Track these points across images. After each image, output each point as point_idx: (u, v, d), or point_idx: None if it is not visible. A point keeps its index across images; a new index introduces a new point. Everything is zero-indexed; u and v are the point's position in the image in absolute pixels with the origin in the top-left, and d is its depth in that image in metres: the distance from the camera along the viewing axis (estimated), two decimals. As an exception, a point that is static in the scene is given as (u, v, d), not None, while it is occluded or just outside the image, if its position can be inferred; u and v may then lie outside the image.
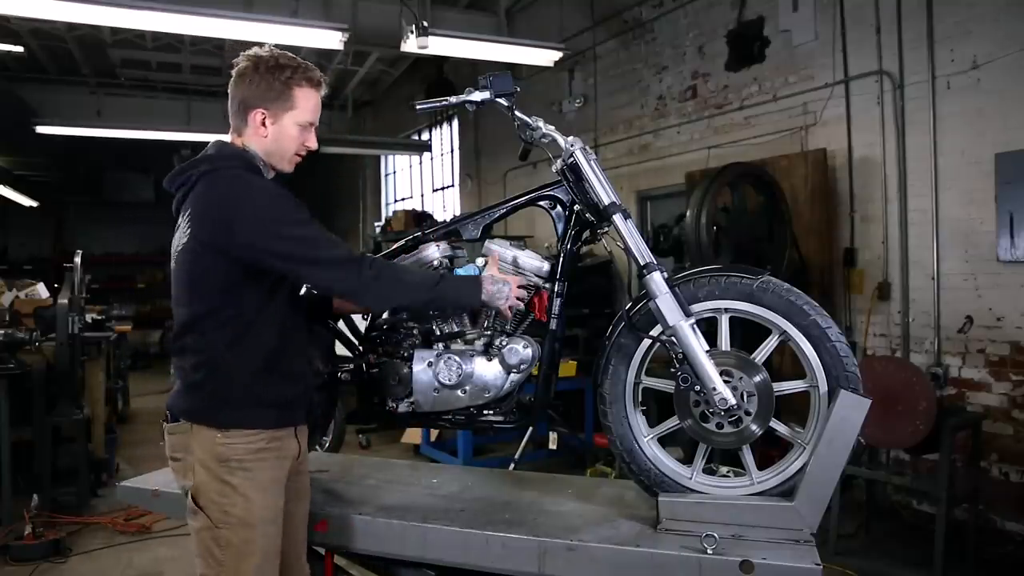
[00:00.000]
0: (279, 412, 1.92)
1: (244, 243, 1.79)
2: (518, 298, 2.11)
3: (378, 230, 10.91)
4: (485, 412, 2.25)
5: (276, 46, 1.99)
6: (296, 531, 2.07)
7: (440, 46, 6.26)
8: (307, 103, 1.95)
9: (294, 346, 1.97)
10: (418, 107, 2.24)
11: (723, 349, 2.07)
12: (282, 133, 1.94)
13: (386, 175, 14.24)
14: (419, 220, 9.63)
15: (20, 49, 9.25)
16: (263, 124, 1.93)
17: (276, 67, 1.91)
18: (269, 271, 1.85)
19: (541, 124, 2.14)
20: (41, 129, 9.25)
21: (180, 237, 1.87)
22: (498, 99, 2.13)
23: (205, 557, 1.83)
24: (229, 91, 1.96)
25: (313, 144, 2.00)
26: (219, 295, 1.83)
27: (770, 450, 2.85)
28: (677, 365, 1.99)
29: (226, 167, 1.87)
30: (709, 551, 1.82)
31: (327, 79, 2.02)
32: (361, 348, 2.41)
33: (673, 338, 1.98)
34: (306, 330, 2.08)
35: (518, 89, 2.15)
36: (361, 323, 2.48)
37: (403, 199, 13.37)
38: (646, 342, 2.10)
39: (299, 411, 2.00)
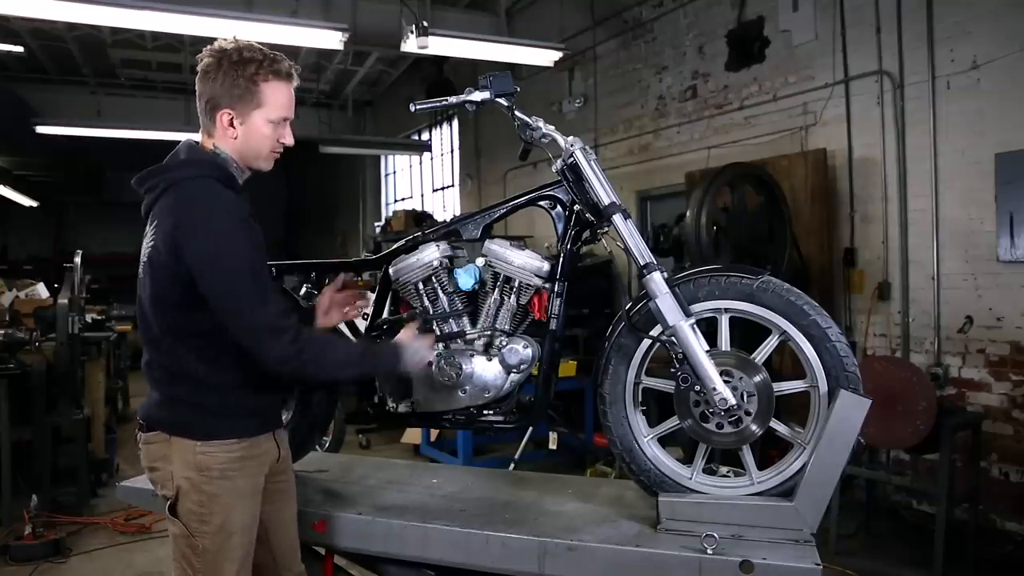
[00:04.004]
0: (257, 420, 1.90)
1: (187, 265, 1.70)
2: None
3: (378, 230, 10.92)
4: (485, 412, 2.25)
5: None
6: (286, 534, 2.05)
7: (440, 46, 6.26)
8: (276, 98, 1.84)
9: None
10: (417, 107, 2.23)
11: (723, 349, 2.07)
12: (252, 133, 1.84)
13: (386, 175, 14.24)
14: (419, 220, 9.63)
15: (20, 49, 9.25)
16: (231, 125, 1.83)
17: (240, 62, 1.80)
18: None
19: (541, 124, 2.14)
20: (41, 129, 9.24)
21: (145, 247, 1.81)
22: (498, 99, 2.12)
23: (181, 563, 1.81)
24: (196, 88, 1.86)
25: (289, 140, 1.91)
26: (182, 311, 1.77)
27: (770, 450, 2.86)
28: (677, 365, 1.99)
29: (195, 176, 1.79)
30: (709, 551, 1.82)
31: (298, 68, 1.91)
32: (361, 348, 2.40)
33: (673, 338, 1.98)
34: None
35: (518, 89, 2.15)
36: (361, 323, 2.48)
37: (403, 199, 13.37)
38: (646, 342, 2.09)
39: (275, 416, 2.00)
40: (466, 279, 2.24)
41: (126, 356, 8.60)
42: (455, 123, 11.15)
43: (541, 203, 2.24)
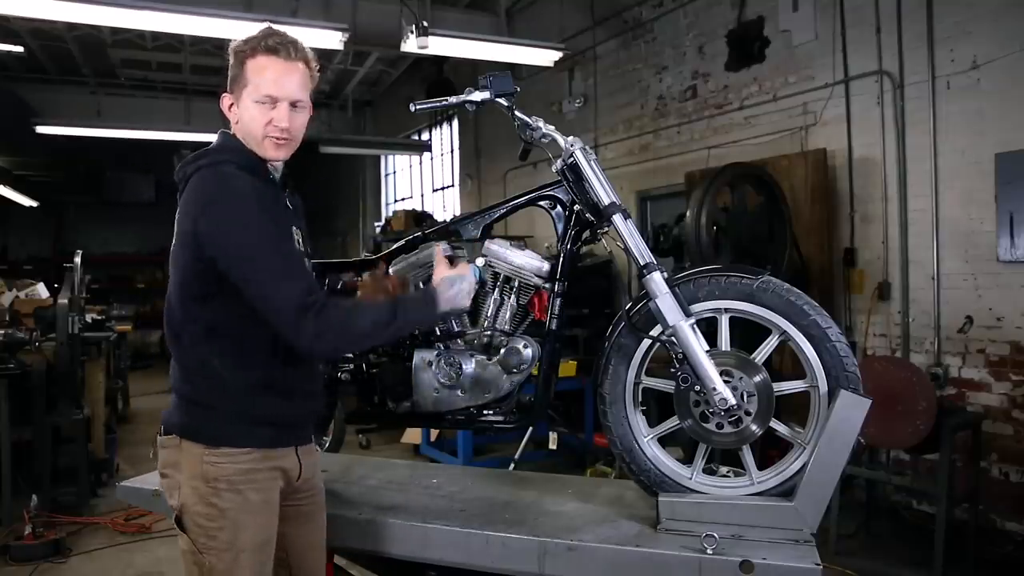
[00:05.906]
0: (275, 431, 1.78)
1: (205, 247, 1.64)
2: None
3: (378, 230, 10.91)
4: (485, 412, 2.25)
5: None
6: (305, 561, 1.93)
7: (440, 46, 6.26)
8: (259, 75, 1.74)
9: (298, 362, 1.79)
10: (417, 107, 2.22)
11: (723, 349, 2.07)
12: (243, 115, 1.77)
13: (386, 175, 14.24)
14: (419, 220, 9.63)
15: (20, 49, 9.24)
16: (229, 110, 1.80)
17: (237, 47, 1.79)
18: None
19: (541, 124, 2.13)
20: (41, 129, 9.25)
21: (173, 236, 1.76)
22: (498, 99, 2.12)
23: None
24: None
25: (281, 121, 1.75)
26: (202, 302, 1.70)
27: (770, 450, 2.85)
28: (677, 365, 1.99)
29: (218, 161, 1.73)
30: (709, 551, 1.82)
31: (296, 44, 1.82)
32: (361, 348, 2.40)
33: (673, 338, 1.98)
34: None
35: (518, 89, 2.14)
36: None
37: (403, 199, 13.36)
38: (646, 342, 2.09)
39: (301, 430, 1.87)
40: (466, 279, 2.23)
41: (126, 356, 8.62)
42: (455, 123, 11.15)
43: (541, 203, 2.24)
